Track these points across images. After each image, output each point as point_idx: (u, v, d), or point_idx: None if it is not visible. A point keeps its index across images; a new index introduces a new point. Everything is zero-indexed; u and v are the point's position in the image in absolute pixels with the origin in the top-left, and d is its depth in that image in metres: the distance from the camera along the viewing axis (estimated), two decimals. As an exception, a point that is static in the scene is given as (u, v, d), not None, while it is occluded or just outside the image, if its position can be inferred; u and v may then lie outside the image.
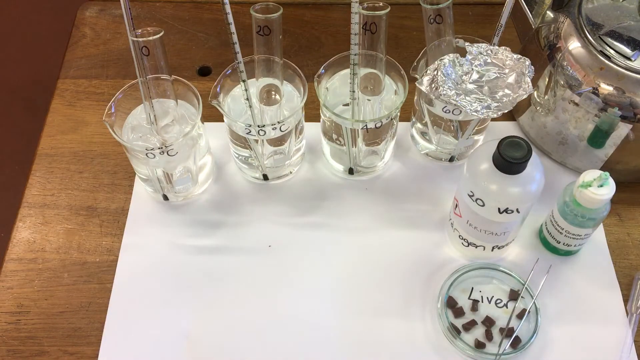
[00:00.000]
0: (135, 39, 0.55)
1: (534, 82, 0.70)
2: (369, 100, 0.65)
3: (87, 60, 0.83)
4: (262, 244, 0.67)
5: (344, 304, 0.63)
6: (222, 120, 0.66)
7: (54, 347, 0.61)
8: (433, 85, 0.58)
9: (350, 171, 0.71)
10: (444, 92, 0.58)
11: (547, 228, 0.64)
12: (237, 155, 0.70)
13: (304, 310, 0.63)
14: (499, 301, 0.63)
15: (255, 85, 0.63)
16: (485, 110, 0.57)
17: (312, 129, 0.73)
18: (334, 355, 0.60)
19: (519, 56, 0.58)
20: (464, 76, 0.58)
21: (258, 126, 0.61)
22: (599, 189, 0.56)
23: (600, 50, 0.63)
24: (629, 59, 0.62)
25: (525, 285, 0.63)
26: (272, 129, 0.62)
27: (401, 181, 0.72)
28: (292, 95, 0.66)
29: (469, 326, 0.61)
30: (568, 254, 0.65)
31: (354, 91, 0.62)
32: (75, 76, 0.81)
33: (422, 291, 0.64)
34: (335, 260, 0.66)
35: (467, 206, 0.58)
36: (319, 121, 0.69)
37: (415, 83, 0.60)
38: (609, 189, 0.56)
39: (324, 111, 0.66)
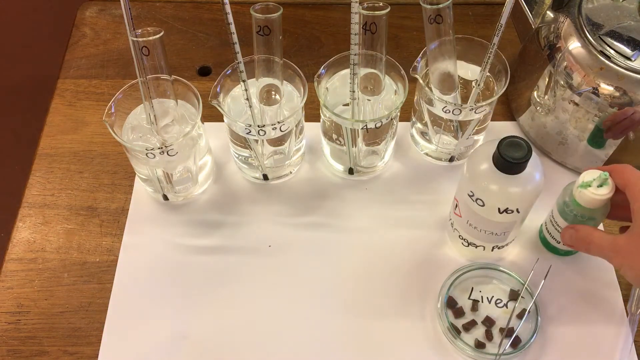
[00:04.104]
0: (135, 39, 0.55)
1: (534, 82, 0.70)
2: (369, 100, 0.65)
3: (87, 60, 0.83)
4: (262, 244, 0.67)
5: (344, 304, 0.63)
6: (222, 120, 0.66)
7: (54, 347, 0.61)
8: None
9: (350, 171, 0.71)
10: None
11: (547, 228, 0.64)
12: (237, 155, 0.70)
13: (304, 310, 0.63)
14: (499, 301, 0.63)
15: (255, 85, 0.63)
16: None
17: (312, 129, 0.73)
18: (333, 355, 0.60)
19: None
20: None
21: (258, 126, 0.61)
22: (598, 189, 0.56)
23: (600, 50, 0.63)
24: (629, 59, 0.62)
25: (525, 285, 0.62)
26: (272, 129, 0.62)
27: (401, 181, 0.72)
28: (292, 95, 0.66)
29: (469, 326, 0.61)
30: (568, 254, 0.65)
31: (354, 91, 0.62)
32: (75, 76, 0.81)
33: (422, 291, 0.64)
34: (335, 260, 0.66)
35: (467, 206, 0.58)
36: (319, 121, 0.69)
37: None
38: (609, 188, 0.56)
39: (324, 111, 0.66)
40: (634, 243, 0.52)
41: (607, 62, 0.62)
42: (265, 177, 0.70)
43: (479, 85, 0.63)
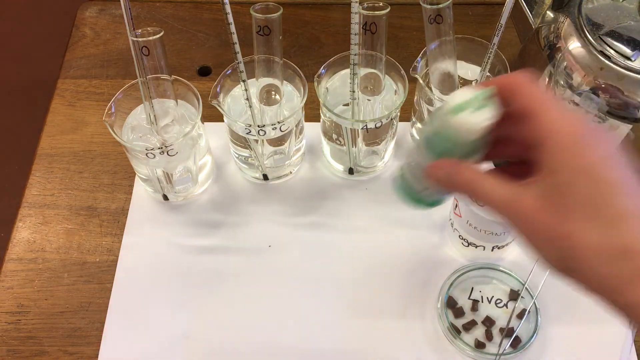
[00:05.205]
0: (135, 39, 0.55)
1: (534, 82, 0.70)
2: (369, 100, 0.65)
3: (87, 60, 0.83)
4: (262, 244, 0.67)
5: (344, 304, 0.63)
6: (222, 120, 0.66)
7: (54, 347, 0.61)
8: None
9: (350, 171, 0.71)
10: None
11: (408, 173, 0.45)
12: (237, 155, 0.70)
13: (304, 310, 0.63)
14: (499, 301, 0.63)
15: (255, 85, 0.63)
16: None
17: (312, 129, 0.73)
18: (333, 355, 0.60)
19: None
20: None
21: (258, 126, 0.61)
22: (476, 112, 0.37)
23: (600, 50, 0.63)
24: (629, 59, 0.62)
25: (525, 285, 0.63)
26: (272, 129, 0.62)
27: (401, 181, 0.72)
28: (292, 95, 0.66)
29: (469, 326, 0.61)
30: (434, 204, 0.47)
31: (354, 91, 0.62)
32: (75, 76, 0.81)
33: (422, 291, 0.64)
34: (335, 260, 0.66)
35: (467, 206, 0.58)
36: (319, 121, 0.69)
37: None
38: (492, 111, 0.37)
39: (324, 111, 0.66)
40: (548, 215, 0.34)
41: (607, 62, 0.62)
42: (265, 177, 0.70)
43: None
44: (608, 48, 0.63)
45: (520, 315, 0.61)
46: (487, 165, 0.42)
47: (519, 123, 0.36)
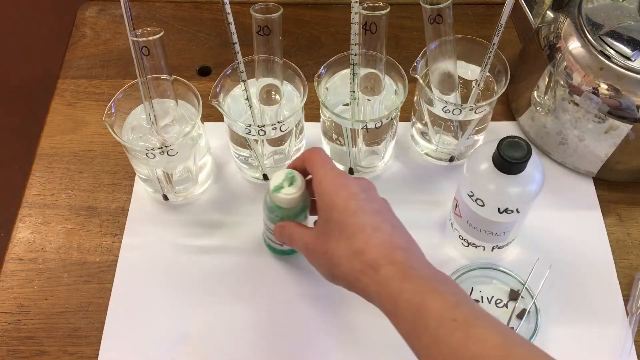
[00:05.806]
0: (135, 39, 0.55)
1: (534, 82, 0.70)
2: (369, 100, 0.65)
3: (87, 60, 0.83)
4: (262, 244, 0.67)
5: (344, 304, 0.63)
6: (222, 120, 0.66)
7: (54, 347, 0.61)
8: None
9: (350, 171, 0.71)
10: None
11: (267, 235, 0.63)
12: (237, 155, 0.70)
13: (304, 309, 0.63)
14: (499, 301, 0.63)
15: (255, 85, 0.63)
16: None
17: (312, 129, 0.73)
18: (333, 354, 0.60)
19: None
20: None
21: (258, 126, 0.61)
22: (290, 188, 0.55)
23: (600, 50, 0.63)
24: (629, 59, 0.62)
25: (525, 285, 0.63)
26: (272, 129, 0.62)
27: (401, 181, 0.72)
28: (292, 95, 0.66)
29: (469, 326, 0.61)
30: (293, 252, 0.65)
31: (354, 91, 0.62)
32: (75, 76, 0.81)
33: (422, 291, 0.64)
34: (335, 260, 0.66)
35: (467, 206, 0.58)
36: (319, 121, 0.69)
37: None
38: (297, 187, 0.55)
39: (324, 111, 0.66)
40: (319, 241, 0.51)
41: (607, 62, 0.62)
42: (265, 177, 0.70)
43: (479, 85, 0.63)
44: (608, 48, 0.63)
45: (520, 315, 0.61)
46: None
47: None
